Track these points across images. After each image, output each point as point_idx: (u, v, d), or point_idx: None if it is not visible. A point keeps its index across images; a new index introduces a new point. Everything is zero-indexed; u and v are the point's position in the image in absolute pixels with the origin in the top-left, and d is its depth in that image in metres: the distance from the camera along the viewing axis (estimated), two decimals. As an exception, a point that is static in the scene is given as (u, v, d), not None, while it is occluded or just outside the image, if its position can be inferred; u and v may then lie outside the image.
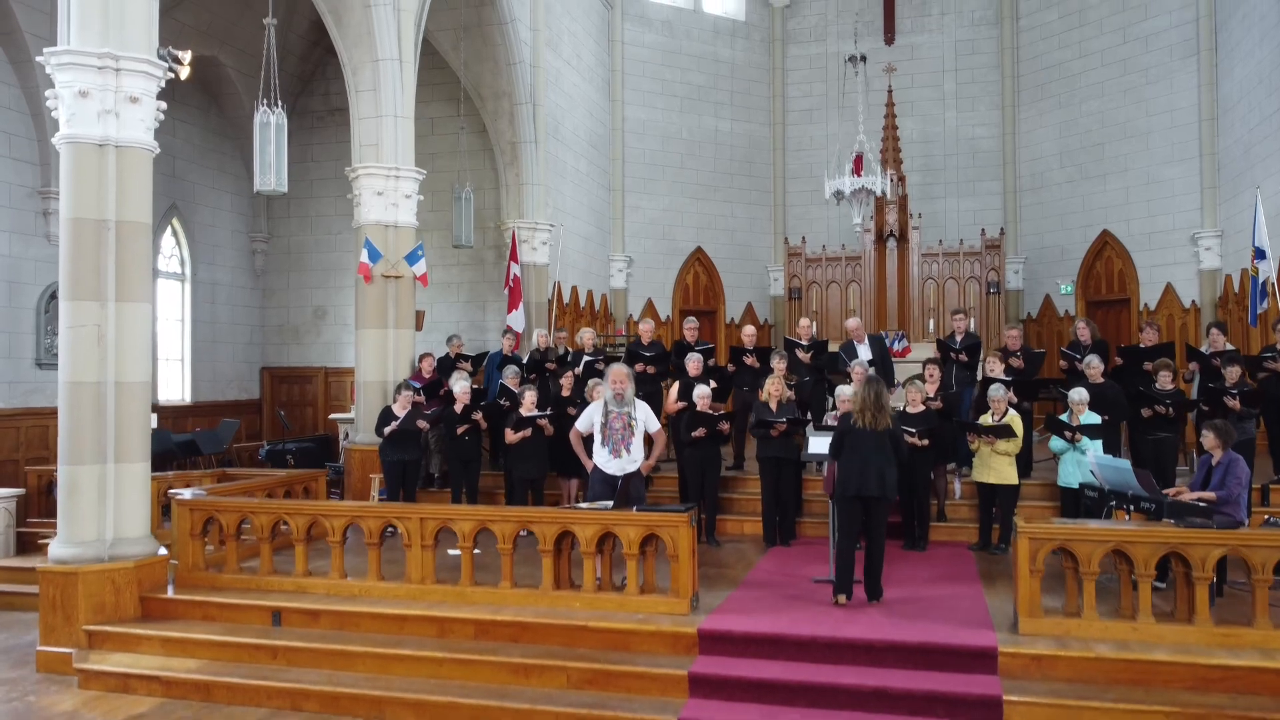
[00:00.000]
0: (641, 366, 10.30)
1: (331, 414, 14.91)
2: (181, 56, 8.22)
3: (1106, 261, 16.67)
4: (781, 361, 9.69)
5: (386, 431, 9.53)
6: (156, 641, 7.13)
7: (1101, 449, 8.21)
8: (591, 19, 17.10)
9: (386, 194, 10.79)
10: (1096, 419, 8.40)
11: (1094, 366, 9.13)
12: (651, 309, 18.23)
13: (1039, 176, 17.77)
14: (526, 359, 11.22)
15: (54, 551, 7.28)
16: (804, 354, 10.39)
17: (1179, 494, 7.07)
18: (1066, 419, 8.41)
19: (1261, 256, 10.82)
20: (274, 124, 8.96)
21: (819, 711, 5.87)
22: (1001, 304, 16.71)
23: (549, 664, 6.40)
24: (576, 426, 8.03)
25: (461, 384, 9.75)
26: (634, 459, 7.78)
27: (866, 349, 10.64)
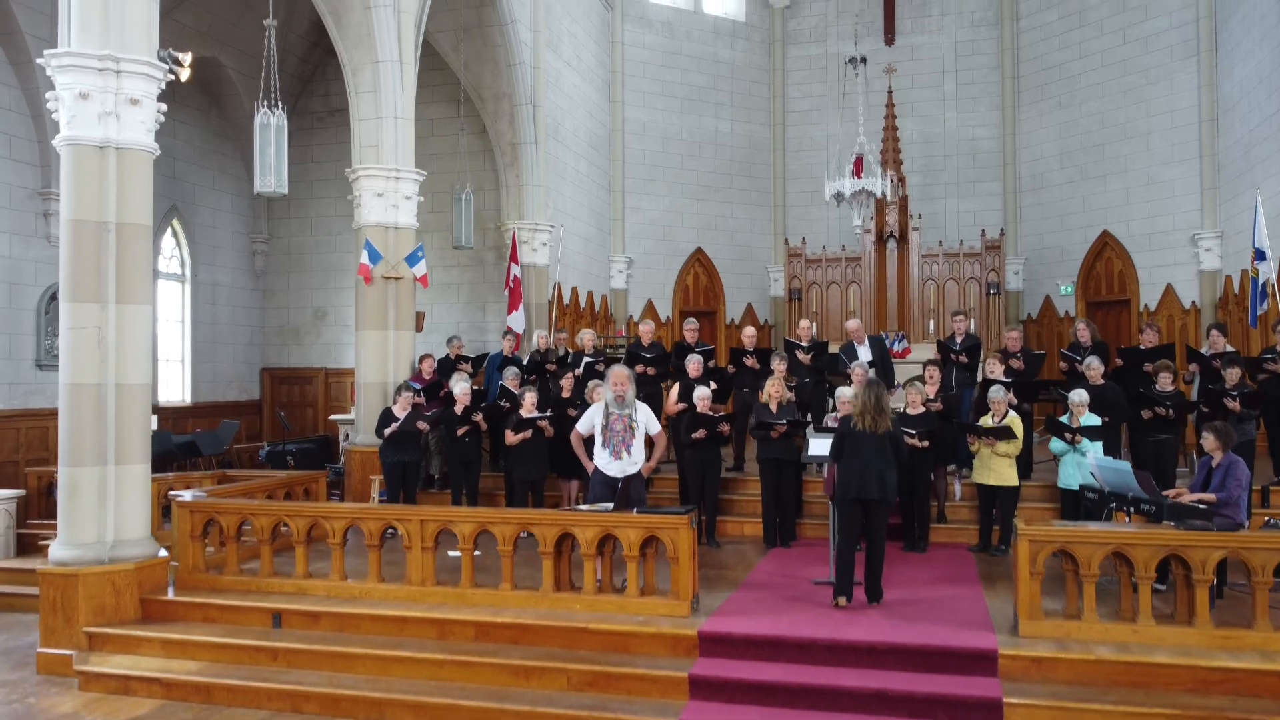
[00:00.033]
0: (642, 368, 10.30)
1: (331, 415, 14.90)
2: (182, 58, 8.24)
3: (1106, 262, 16.66)
4: (782, 363, 9.70)
5: (387, 433, 9.53)
6: (157, 643, 7.13)
7: (1102, 451, 8.21)
8: (591, 20, 17.10)
9: (387, 195, 10.80)
10: (1096, 420, 8.40)
11: (1094, 368, 9.12)
12: (652, 310, 18.22)
13: (1039, 177, 17.76)
14: (527, 360, 11.22)
15: (54, 553, 7.28)
16: (804, 355, 10.39)
17: (1179, 496, 7.06)
18: (1066, 420, 8.41)
19: (1261, 257, 10.81)
20: (274, 125, 8.95)
21: (819, 714, 5.88)
22: (1001, 305, 16.70)
23: (549, 666, 6.40)
24: (577, 428, 8.03)
25: (462, 385, 9.74)
26: (635, 461, 7.78)
27: (866, 350, 10.64)
